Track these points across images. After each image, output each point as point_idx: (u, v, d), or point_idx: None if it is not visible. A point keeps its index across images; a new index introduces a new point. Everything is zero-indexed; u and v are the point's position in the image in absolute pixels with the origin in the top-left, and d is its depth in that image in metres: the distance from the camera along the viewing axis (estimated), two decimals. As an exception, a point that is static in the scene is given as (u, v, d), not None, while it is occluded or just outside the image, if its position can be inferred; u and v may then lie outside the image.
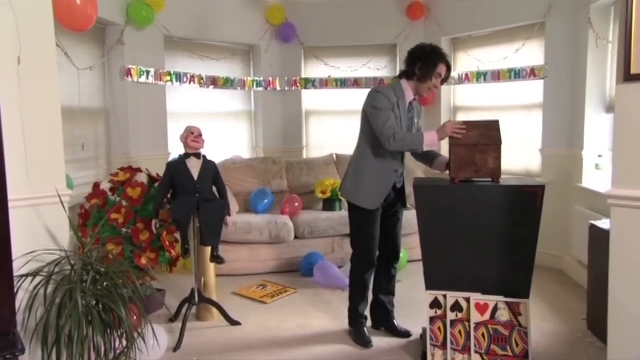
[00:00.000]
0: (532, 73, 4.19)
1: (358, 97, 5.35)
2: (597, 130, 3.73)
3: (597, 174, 3.73)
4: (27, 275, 1.91)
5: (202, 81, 4.77)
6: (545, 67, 4.08)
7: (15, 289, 1.79)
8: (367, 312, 3.02)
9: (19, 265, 1.87)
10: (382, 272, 2.97)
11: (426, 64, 2.65)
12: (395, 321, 3.01)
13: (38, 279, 1.94)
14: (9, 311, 1.71)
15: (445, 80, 2.75)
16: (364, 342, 2.83)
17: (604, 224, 2.84)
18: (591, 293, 2.94)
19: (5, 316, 1.70)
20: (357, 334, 2.90)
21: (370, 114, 2.68)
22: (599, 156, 3.74)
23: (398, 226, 2.94)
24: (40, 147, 2.03)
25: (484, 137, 2.47)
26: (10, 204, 1.71)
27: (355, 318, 2.94)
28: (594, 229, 2.90)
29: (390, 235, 2.91)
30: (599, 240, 2.73)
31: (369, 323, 3.01)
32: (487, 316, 2.47)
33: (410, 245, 4.08)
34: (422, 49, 2.72)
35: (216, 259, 3.09)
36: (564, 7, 3.89)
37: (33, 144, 2.00)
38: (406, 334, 2.93)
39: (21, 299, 1.87)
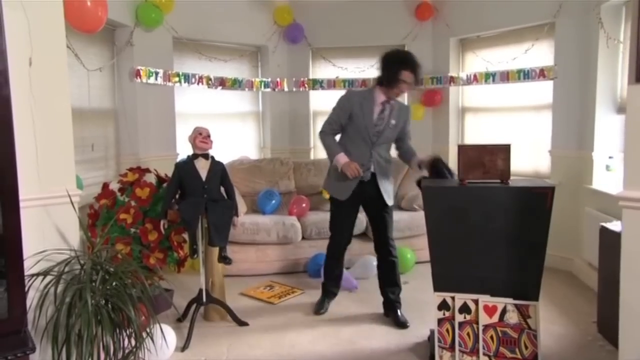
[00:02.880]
0: (542, 74, 4.16)
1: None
2: (608, 131, 3.69)
3: (607, 176, 3.69)
4: (37, 275, 1.93)
5: (210, 82, 4.79)
6: (554, 67, 4.05)
7: (26, 288, 1.81)
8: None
9: (30, 265, 1.88)
10: (381, 266, 3.21)
11: (389, 72, 2.91)
12: (399, 311, 3.15)
13: (48, 278, 1.96)
14: (20, 310, 1.72)
15: (417, 83, 3.01)
16: (316, 308, 3.29)
17: (614, 225, 2.82)
18: (601, 296, 2.91)
19: (17, 315, 1.71)
20: (318, 300, 3.32)
21: None
22: (610, 157, 3.70)
23: (383, 224, 3.13)
24: (51, 147, 2.05)
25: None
26: (21, 204, 1.72)
27: (322, 288, 3.37)
28: (604, 231, 2.87)
29: (377, 231, 3.18)
30: (610, 242, 2.70)
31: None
32: (495, 318, 2.46)
33: (418, 247, 4.07)
34: (386, 57, 2.98)
35: (224, 259, 3.10)
36: (574, 7, 3.86)
37: (44, 145, 2.02)
38: (402, 325, 3.07)
39: (32, 298, 1.89)
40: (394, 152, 3.24)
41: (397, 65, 2.89)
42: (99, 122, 3.95)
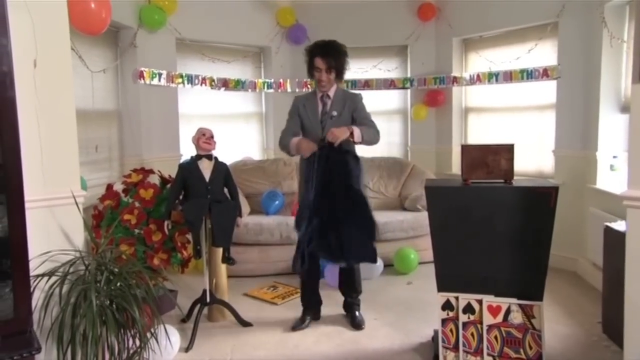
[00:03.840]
0: (545, 73, 4.15)
1: (369, 99, 5.36)
2: (612, 131, 3.68)
3: (611, 175, 3.68)
4: (42, 275, 1.94)
5: (213, 83, 4.80)
6: (558, 67, 4.04)
7: (32, 289, 1.82)
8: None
9: (35, 265, 1.89)
10: (342, 271, 3.15)
11: (307, 65, 2.96)
12: (357, 312, 3.15)
13: (53, 278, 1.97)
14: (25, 310, 1.73)
15: (335, 69, 2.91)
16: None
17: (619, 225, 2.81)
18: (606, 296, 2.90)
19: (22, 315, 1.72)
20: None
21: None
22: (614, 157, 3.68)
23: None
24: (56, 148, 2.07)
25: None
26: (26, 205, 1.73)
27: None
28: (608, 231, 2.86)
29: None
30: (614, 242, 2.69)
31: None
32: (499, 318, 2.45)
33: (422, 247, 4.06)
34: (305, 51, 2.99)
35: (227, 260, 3.11)
36: (577, 6, 3.85)
37: (49, 146, 2.03)
38: (358, 326, 3.05)
39: (37, 299, 1.90)
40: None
41: (307, 54, 2.95)
42: (102, 123, 3.96)
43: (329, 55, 2.88)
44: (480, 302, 2.47)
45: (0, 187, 1.67)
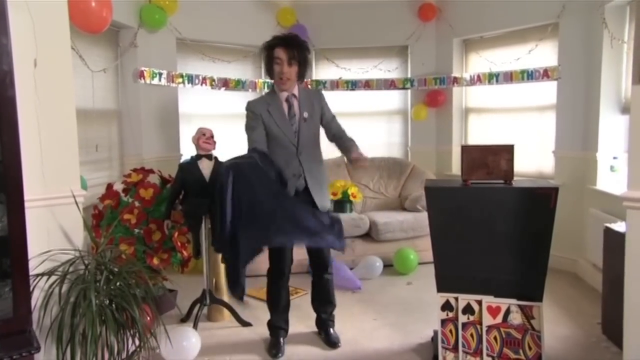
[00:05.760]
0: (545, 74, 4.15)
1: (369, 99, 5.40)
2: (612, 132, 3.68)
3: (611, 176, 3.68)
4: (42, 275, 1.94)
5: (213, 83, 4.80)
6: (558, 68, 4.04)
7: (31, 288, 1.82)
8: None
9: (35, 265, 1.89)
10: (316, 282, 2.89)
11: (264, 58, 2.66)
12: (331, 330, 2.90)
13: (53, 278, 1.96)
14: (25, 309, 1.73)
15: (292, 60, 2.56)
16: (272, 351, 2.76)
17: (619, 226, 2.81)
18: (606, 297, 2.90)
19: (22, 314, 1.72)
20: (270, 342, 2.84)
21: None
22: (614, 158, 3.69)
23: None
24: (56, 148, 2.06)
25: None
26: (26, 204, 1.73)
27: (269, 325, 2.88)
28: (608, 232, 2.86)
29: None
30: (614, 243, 2.69)
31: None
32: (499, 319, 2.45)
33: (422, 247, 4.06)
34: (262, 48, 2.69)
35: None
36: (577, 7, 3.85)
37: (49, 145, 2.03)
38: (334, 344, 2.83)
39: (36, 298, 1.90)
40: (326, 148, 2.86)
41: (266, 48, 2.64)
42: (103, 123, 3.97)
43: (290, 46, 2.56)
44: (479, 302, 2.47)
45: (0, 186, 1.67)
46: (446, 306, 2.54)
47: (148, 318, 2.18)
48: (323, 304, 2.92)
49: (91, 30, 3.05)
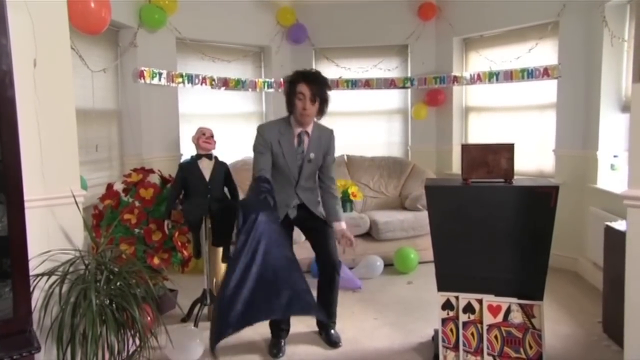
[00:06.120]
0: (546, 73, 4.14)
1: (369, 98, 5.40)
2: (612, 130, 3.68)
3: (612, 175, 3.68)
4: (42, 275, 1.94)
5: (213, 83, 4.79)
6: (559, 66, 4.03)
7: (31, 288, 1.82)
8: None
9: (35, 265, 1.89)
10: (323, 283, 2.86)
11: (287, 92, 2.65)
12: (332, 330, 2.90)
13: (53, 278, 1.97)
14: (25, 310, 1.73)
15: (316, 97, 2.57)
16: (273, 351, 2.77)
17: (619, 225, 2.80)
18: (606, 295, 2.90)
19: (22, 315, 1.72)
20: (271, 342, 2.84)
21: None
22: (615, 156, 3.68)
23: (323, 236, 2.79)
24: (56, 148, 2.06)
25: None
26: (26, 204, 1.73)
27: (270, 326, 2.86)
28: (609, 231, 2.86)
29: (319, 245, 2.81)
30: (615, 242, 2.69)
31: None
32: (499, 318, 2.45)
33: (422, 246, 4.06)
34: (285, 80, 2.69)
35: (228, 259, 3.10)
36: (578, 5, 3.84)
37: (48, 146, 2.03)
38: (334, 344, 2.84)
39: (37, 298, 1.90)
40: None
41: (292, 81, 2.63)
42: (103, 123, 3.96)
43: (314, 83, 2.58)
44: (480, 301, 2.47)
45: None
46: (447, 305, 2.54)
47: (149, 318, 2.18)
48: (327, 305, 2.84)
49: (90, 31, 3.05)
